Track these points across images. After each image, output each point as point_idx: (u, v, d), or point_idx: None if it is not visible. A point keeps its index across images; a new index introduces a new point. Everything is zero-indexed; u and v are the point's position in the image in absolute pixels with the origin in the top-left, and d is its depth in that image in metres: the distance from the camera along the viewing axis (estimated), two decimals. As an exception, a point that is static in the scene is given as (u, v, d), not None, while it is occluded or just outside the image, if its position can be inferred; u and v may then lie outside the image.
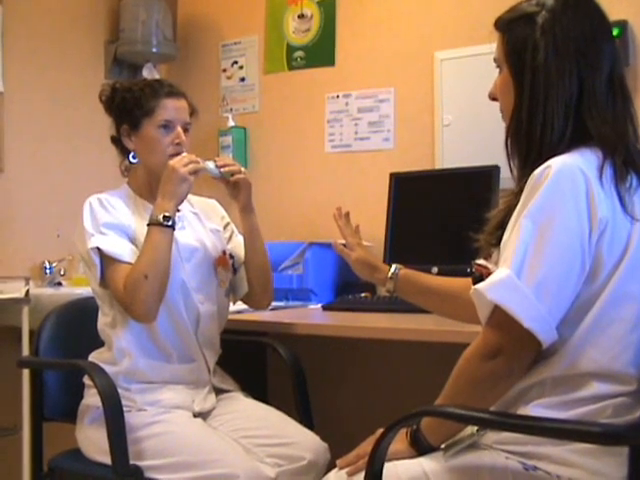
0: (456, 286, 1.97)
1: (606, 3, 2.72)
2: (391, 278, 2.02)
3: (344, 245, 2.14)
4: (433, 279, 2.07)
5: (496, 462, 1.48)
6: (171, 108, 2.23)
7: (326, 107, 3.47)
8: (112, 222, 2.16)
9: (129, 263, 2.10)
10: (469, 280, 1.91)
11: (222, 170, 2.22)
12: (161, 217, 2.08)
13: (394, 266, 2.04)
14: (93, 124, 3.39)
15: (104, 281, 2.15)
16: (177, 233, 2.22)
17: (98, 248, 2.12)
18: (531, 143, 1.55)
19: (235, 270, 2.38)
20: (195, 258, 2.26)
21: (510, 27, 1.61)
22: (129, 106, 2.23)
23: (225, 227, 2.44)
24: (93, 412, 2.14)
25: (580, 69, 1.53)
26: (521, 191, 1.50)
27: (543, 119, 1.53)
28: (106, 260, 2.12)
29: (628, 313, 1.45)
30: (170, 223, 2.09)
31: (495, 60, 1.66)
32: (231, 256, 2.37)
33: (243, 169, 2.26)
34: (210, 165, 2.21)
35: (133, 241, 2.17)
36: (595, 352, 1.44)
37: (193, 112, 2.32)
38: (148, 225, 2.10)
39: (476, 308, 1.51)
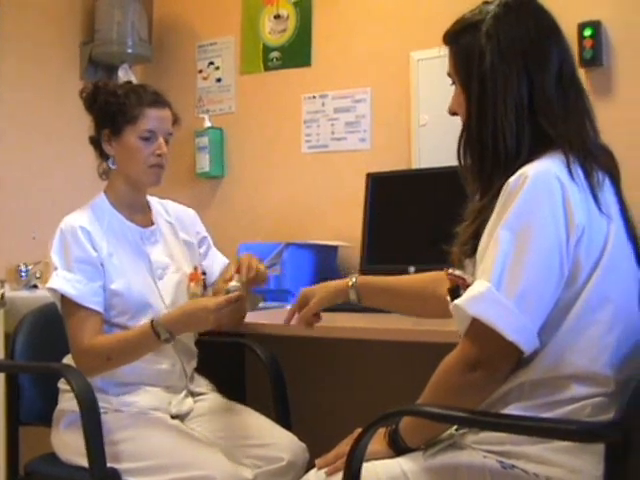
0: (418, 283, 1.97)
1: (580, 3, 2.75)
2: (352, 287, 1.97)
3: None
4: (393, 279, 2.03)
5: (474, 461, 1.48)
6: (154, 118, 2.20)
7: (302, 107, 3.47)
8: (82, 257, 2.12)
9: (87, 307, 2.09)
10: (429, 274, 1.91)
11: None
12: (165, 336, 2.05)
13: (352, 277, 1.99)
14: (69, 125, 3.39)
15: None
16: (149, 249, 2.23)
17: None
18: (484, 152, 1.56)
19: (206, 286, 2.37)
20: (167, 275, 2.26)
21: (457, 39, 1.63)
22: (112, 111, 2.20)
23: (200, 242, 2.44)
24: (69, 416, 2.12)
25: (528, 70, 1.53)
26: (490, 203, 1.51)
27: (493, 126, 1.53)
28: (65, 298, 2.11)
29: (605, 315, 1.46)
30: (166, 341, 2.07)
31: (449, 75, 1.66)
32: (203, 272, 2.37)
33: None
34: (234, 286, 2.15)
35: (102, 263, 2.15)
36: (573, 355, 1.45)
37: (176, 121, 2.30)
38: (151, 324, 2.05)
39: (455, 321, 1.51)
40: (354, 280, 1.98)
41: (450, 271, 1.64)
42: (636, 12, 2.74)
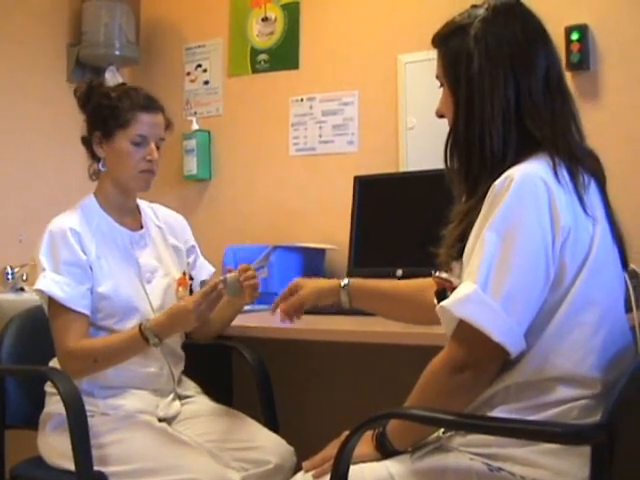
0: (410, 288, 1.98)
1: (567, 7, 2.75)
2: (344, 288, 1.98)
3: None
4: (385, 284, 2.05)
5: (461, 463, 1.48)
6: (147, 123, 2.19)
7: (290, 110, 3.47)
8: (71, 260, 2.11)
9: (74, 310, 2.08)
10: (421, 281, 1.91)
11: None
12: (154, 341, 2.05)
13: (344, 279, 2.00)
14: (56, 127, 3.38)
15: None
16: (138, 252, 2.22)
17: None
18: (471, 154, 1.56)
19: (192, 292, 2.36)
20: (155, 279, 2.26)
21: (446, 41, 1.63)
22: (104, 114, 2.18)
23: (189, 250, 2.43)
24: (55, 419, 2.11)
25: (515, 73, 1.54)
26: (476, 205, 1.51)
27: (480, 128, 1.54)
28: (53, 300, 2.10)
29: (590, 318, 1.47)
30: (154, 345, 2.07)
31: (437, 77, 1.67)
32: (191, 277, 2.37)
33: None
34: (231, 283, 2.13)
35: (90, 266, 2.14)
36: (558, 358, 1.45)
37: (168, 126, 2.29)
38: (139, 329, 2.05)
39: (442, 323, 1.52)
40: (346, 282, 1.98)
41: (437, 274, 1.65)
42: (623, 16, 2.76)
